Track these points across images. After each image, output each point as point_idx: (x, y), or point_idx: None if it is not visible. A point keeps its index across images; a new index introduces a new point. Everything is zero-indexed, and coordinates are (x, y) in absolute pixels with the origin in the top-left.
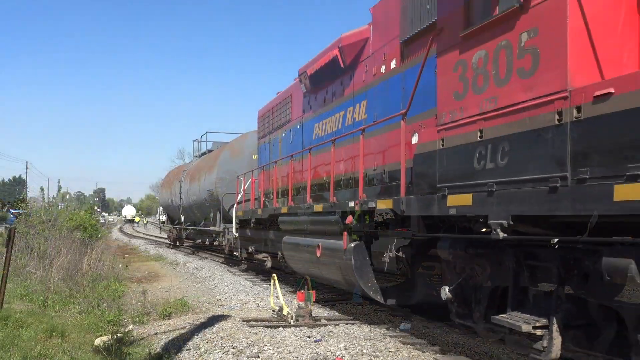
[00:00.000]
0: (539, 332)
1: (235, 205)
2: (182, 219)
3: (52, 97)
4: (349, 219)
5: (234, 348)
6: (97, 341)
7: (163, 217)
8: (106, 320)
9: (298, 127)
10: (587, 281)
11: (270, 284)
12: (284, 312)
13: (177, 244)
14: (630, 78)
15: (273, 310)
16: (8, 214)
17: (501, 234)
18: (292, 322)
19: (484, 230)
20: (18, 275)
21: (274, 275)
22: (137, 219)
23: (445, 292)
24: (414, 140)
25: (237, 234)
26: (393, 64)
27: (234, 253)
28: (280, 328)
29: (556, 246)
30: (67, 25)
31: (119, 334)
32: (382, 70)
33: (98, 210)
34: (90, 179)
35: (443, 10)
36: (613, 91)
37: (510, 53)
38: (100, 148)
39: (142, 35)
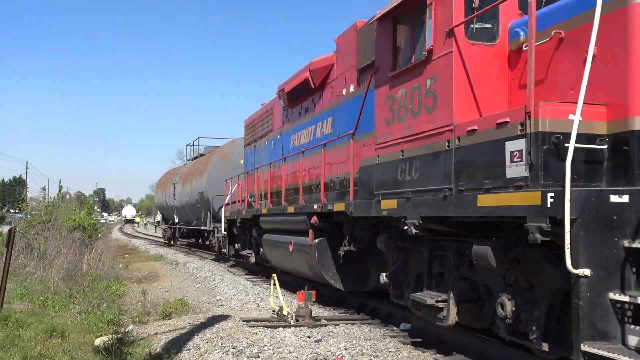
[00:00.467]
0: (440, 304)
1: (223, 207)
2: (176, 219)
3: (53, 97)
4: (314, 218)
5: (234, 348)
6: (97, 341)
7: (159, 217)
8: (106, 320)
9: (278, 137)
10: (472, 265)
11: (270, 284)
12: (284, 312)
13: (172, 242)
14: (485, 119)
15: (273, 311)
16: (8, 214)
17: (414, 230)
18: (292, 322)
19: (405, 227)
20: (18, 275)
21: (274, 275)
22: (137, 219)
23: (383, 277)
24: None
25: (225, 233)
26: (352, 88)
27: (223, 250)
28: (281, 328)
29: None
30: (66, 26)
31: (119, 334)
32: (344, 92)
33: (98, 210)
34: (90, 179)
35: (379, 53)
36: (477, 128)
37: (420, 93)
38: (100, 148)
39: (143, 35)
